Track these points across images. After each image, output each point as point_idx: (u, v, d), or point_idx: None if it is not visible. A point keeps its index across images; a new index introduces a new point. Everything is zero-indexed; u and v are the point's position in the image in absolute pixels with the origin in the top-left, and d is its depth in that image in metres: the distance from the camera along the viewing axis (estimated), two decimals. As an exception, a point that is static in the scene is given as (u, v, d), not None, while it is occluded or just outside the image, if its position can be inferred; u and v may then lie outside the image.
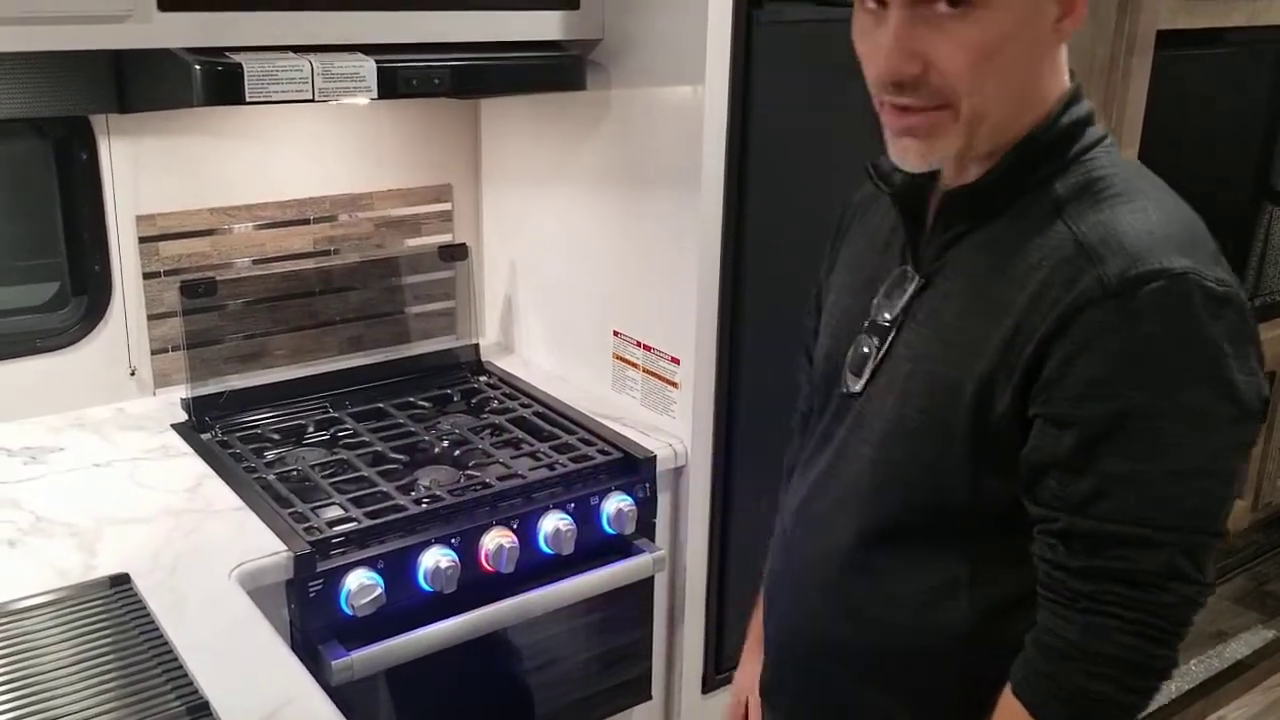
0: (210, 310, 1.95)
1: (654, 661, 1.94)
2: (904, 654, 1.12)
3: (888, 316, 1.11)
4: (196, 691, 1.20)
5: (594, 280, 2.00)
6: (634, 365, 1.93)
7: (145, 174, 1.86)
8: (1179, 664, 0.99)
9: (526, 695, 1.81)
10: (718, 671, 2.02)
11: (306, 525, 1.57)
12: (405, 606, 1.58)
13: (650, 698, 1.95)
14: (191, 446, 1.78)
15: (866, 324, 1.14)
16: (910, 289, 1.09)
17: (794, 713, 1.27)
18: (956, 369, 1.02)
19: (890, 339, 1.10)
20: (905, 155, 1.03)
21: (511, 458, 1.82)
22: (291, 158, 2.01)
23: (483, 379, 2.13)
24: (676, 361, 1.84)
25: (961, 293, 1.05)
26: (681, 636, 1.94)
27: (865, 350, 1.13)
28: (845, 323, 1.18)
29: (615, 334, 1.96)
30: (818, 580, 1.18)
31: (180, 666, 1.24)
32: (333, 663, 1.51)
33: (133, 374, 1.92)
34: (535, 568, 1.70)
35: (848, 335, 1.16)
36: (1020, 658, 1.02)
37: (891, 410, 1.08)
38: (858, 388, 1.13)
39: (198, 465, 1.72)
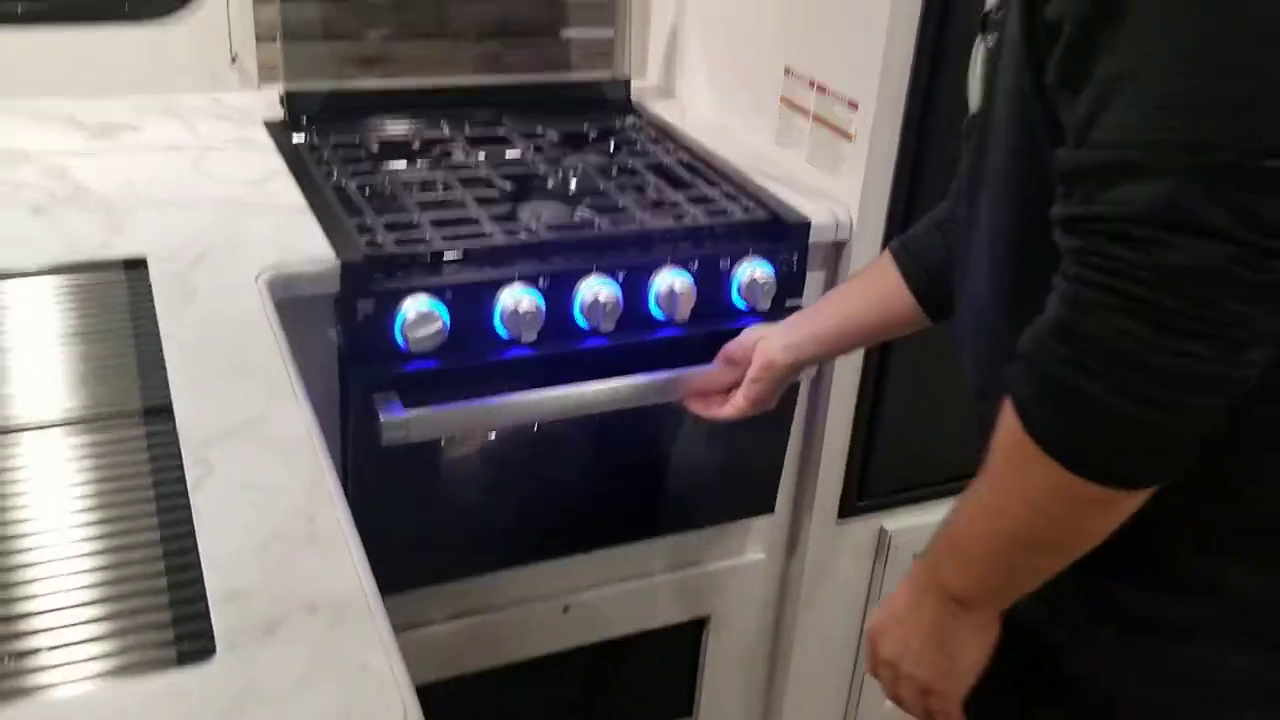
0: (324, -2, 1.69)
1: (785, 473, 1.64)
2: None
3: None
4: (165, 390, 0.98)
5: (769, 6, 1.63)
6: (803, 112, 1.57)
7: None
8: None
9: (617, 490, 1.54)
10: (860, 497, 1.70)
11: (369, 238, 1.31)
12: (475, 356, 1.32)
13: (772, 510, 1.66)
14: (275, 143, 1.55)
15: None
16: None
17: None
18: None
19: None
20: None
21: (635, 202, 1.51)
22: None
23: (629, 119, 1.80)
24: (854, 106, 1.47)
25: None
26: (820, 448, 1.63)
27: None
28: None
29: (786, 71, 1.59)
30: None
31: (160, 361, 1.02)
32: (384, 418, 1.26)
33: (234, 61, 1.69)
34: (641, 335, 1.40)
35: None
36: None
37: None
38: None
39: (273, 161, 1.49)
